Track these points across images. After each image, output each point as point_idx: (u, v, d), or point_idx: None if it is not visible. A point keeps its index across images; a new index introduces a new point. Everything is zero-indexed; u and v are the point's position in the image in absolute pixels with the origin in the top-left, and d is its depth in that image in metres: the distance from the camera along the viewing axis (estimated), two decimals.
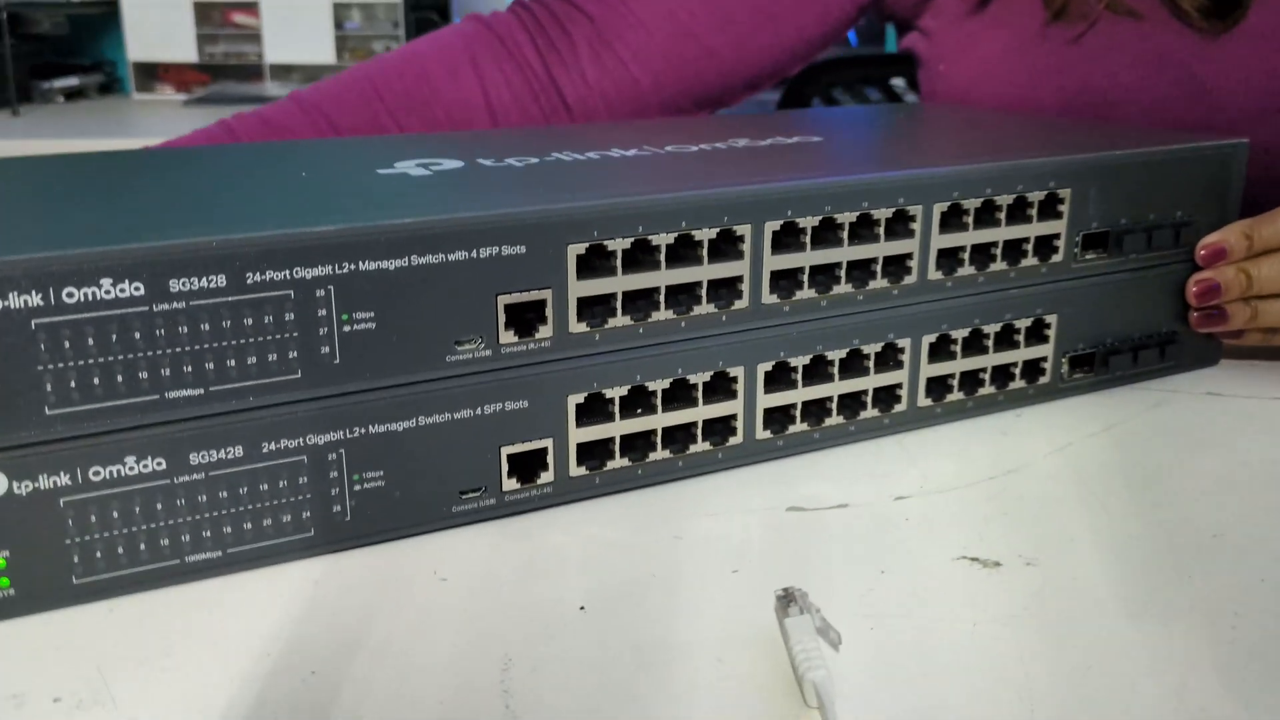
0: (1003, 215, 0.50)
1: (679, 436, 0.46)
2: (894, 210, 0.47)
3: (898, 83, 1.49)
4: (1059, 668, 0.34)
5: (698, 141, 0.55)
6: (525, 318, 0.41)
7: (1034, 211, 0.51)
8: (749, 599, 0.38)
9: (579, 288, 0.41)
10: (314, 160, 0.50)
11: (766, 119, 0.65)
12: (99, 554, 0.36)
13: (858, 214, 0.46)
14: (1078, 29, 0.66)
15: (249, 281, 0.35)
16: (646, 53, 0.70)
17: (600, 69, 0.70)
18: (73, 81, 2.12)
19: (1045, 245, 0.52)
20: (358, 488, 0.40)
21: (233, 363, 0.36)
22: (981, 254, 0.51)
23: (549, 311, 0.41)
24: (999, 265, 0.51)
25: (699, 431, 0.46)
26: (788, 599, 0.34)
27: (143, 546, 0.37)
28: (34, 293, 0.33)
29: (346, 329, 0.37)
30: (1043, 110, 0.68)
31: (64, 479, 0.35)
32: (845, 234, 0.47)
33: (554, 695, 0.33)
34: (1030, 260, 0.52)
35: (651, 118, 0.72)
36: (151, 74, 2.17)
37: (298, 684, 0.33)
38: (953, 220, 0.49)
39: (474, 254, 0.39)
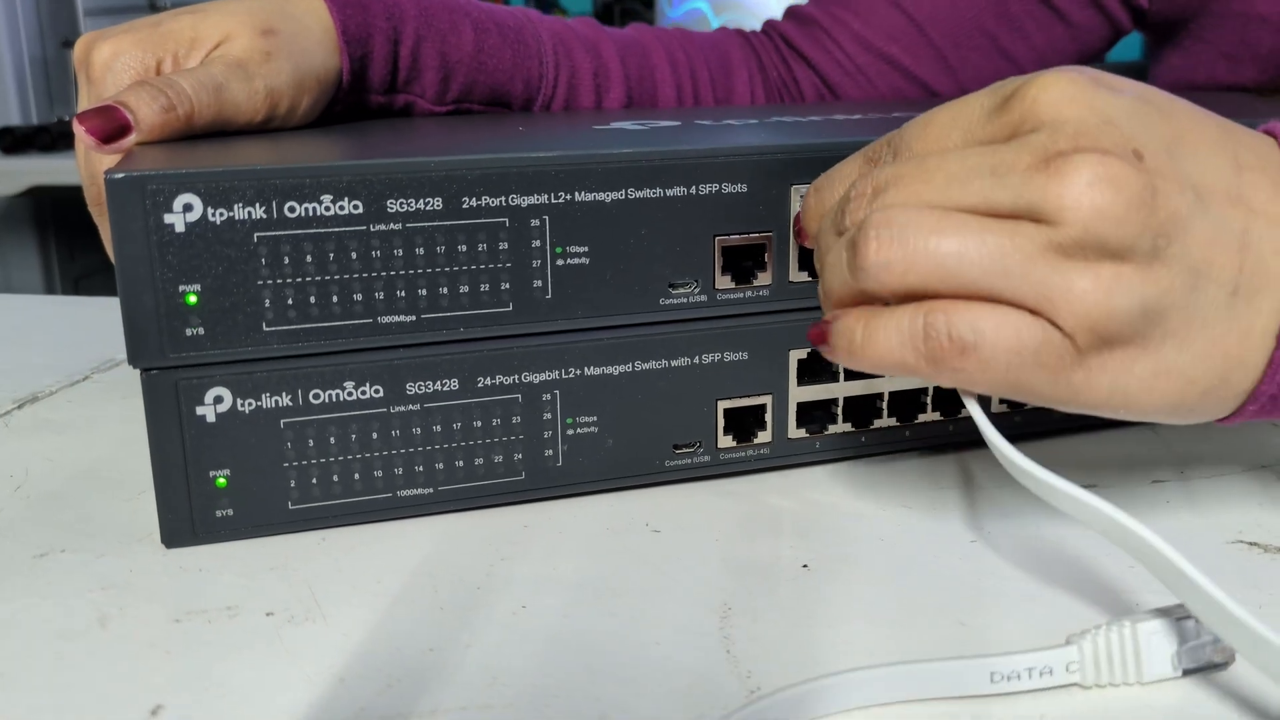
0: None
1: (907, 404, 0.43)
2: None
3: None
4: None
5: None
6: (743, 264, 0.39)
7: None
8: (993, 567, 0.34)
9: None
10: (529, 121, 0.50)
11: None
12: (315, 480, 0.36)
13: None
14: None
15: (464, 206, 0.35)
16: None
17: None
18: None
19: None
20: (570, 432, 0.38)
21: (445, 290, 0.35)
22: None
23: (768, 257, 0.39)
24: None
25: (929, 399, 0.43)
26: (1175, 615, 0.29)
27: (357, 476, 0.36)
28: (258, 205, 0.33)
29: (560, 262, 0.36)
30: None
31: (285, 399, 0.35)
32: None
33: (778, 646, 0.30)
34: None
35: None
36: None
37: (508, 616, 0.32)
38: None
39: (692, 190, 0.37)
